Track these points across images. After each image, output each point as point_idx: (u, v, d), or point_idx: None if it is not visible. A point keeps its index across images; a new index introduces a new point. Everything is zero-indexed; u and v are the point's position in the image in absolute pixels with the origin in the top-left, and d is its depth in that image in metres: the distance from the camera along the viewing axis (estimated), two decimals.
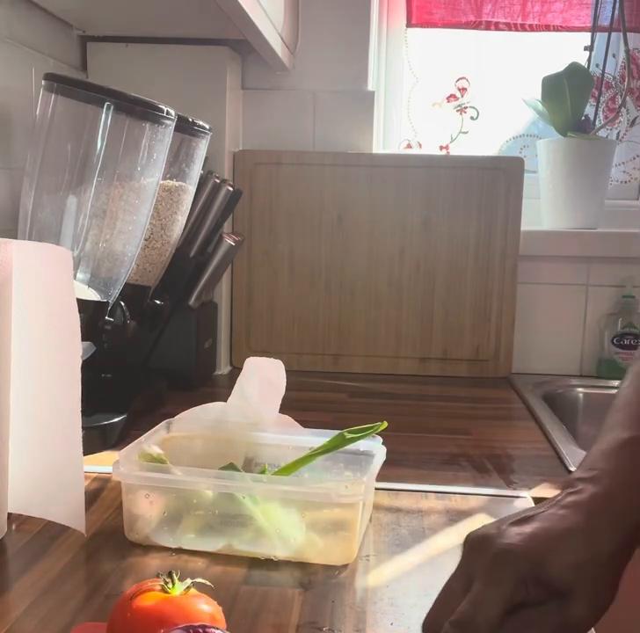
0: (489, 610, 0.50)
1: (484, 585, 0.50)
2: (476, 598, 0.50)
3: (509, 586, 0.50)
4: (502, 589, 0.50)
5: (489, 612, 0.49)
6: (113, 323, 0.98)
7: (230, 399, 0.86)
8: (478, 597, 0.50)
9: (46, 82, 0.96)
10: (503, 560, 0.51)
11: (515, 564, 0.50)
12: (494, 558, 0.51)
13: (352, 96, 1.51)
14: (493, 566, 0.51)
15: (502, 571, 0.50)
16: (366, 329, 1.50)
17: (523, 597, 0.50)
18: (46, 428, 0.73)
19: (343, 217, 1.49)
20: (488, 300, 1.49)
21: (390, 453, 0.80)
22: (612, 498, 0.54)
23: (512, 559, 0.50)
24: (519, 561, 0.50)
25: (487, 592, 0.50)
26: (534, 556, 0.51)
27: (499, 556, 0.51)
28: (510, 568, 0.50)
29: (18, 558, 0.71)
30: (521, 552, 0.51)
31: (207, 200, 1.27)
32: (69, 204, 0.97)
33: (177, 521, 0.74)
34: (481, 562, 0.51)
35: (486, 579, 0.50)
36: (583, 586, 0.50)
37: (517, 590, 0.50)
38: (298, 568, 0.70)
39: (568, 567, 0.50)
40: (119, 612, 0.54)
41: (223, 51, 1.39)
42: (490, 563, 0.51)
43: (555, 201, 1.57)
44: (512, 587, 0.50)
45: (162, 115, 0.98)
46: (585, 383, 1.52)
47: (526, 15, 1.58)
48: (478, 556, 0.52)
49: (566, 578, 0.50)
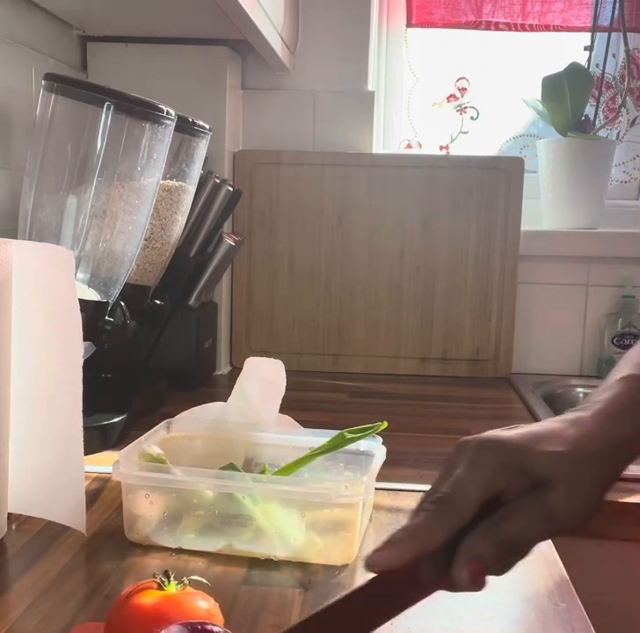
0: (468, 490, 0.49)
1: (466, 468, 0.50)
2: (456, 479, 0.50)
3: (489, 469, 0.50)
4: (482, 471, 0.50)
5: (468, 491, 0.49)
6: (113, 323, 0.98)
7: (230, 399, 0.86)
8: (458, 478, 0.50)
9: (46, 82, 0.96)
10: (487, 446, 0.51)
11: (498, 450, 0.51)
12: (479, 444, 0.51)
13: (352, 96, 1.51)
14: (476, 451, 0.51)
15: (483, 454, 0.50)
16: (366, 329, 1.50)
17: (504, 483, 0.50)
18: (46, 428, 0.73)
19: (343, 217, 1.49)
20: (488, 300, 1.49)
21: (390, 453, 0.80)
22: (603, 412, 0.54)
23: (496, 446, 0.51)
24: (502, 447, 0.51)
25: (467, 473, 0.50)
26: (517, 444, 0.51)
27: (484, 443, 0.51)
28: (492, 453, 0.50)
29: (18, 558, 0.71)
30: (505, 440, 0.51)
31: (207, 200, 1.27)
32: (69, 204, 0.97)
33: (177, 521, 0.74)
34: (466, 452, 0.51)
35: (468, 463, 0.50)
36: (561, 476, 0.50)
37: (498, 474, 0.50)
38: (298, 568, 0.70)
39: (548, 455, 0.50)
40: (116, 611, 0.54)
41: (223, 51, 1.39)
42: (474, 449, 0.51)
43: (555, 201, 1.57)
44: (493, 470, 0.50)
45: (162, 115, 0.98)
46: (585, 383, 1.52)
47: (526, 15, 1.58)
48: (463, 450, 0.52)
49: (545, 466, 0.50)
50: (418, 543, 0.49)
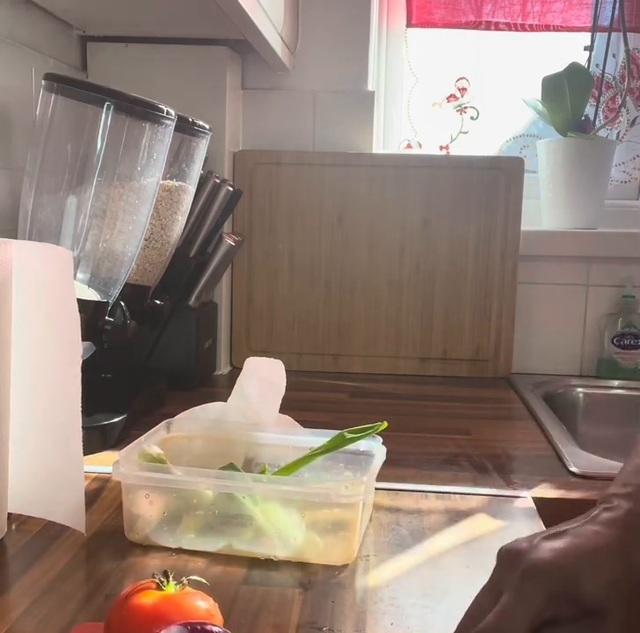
0: (515, 624, 0.48)
1: (512, 599, 0.49)
2: (502, 611, 0.49)
3: (538, 602, 0.48)
4: (531, 604, 0.48)
5: (515, 626, 0.48)
6: (113, 323, 0.98)
7: (230, 399, 0.86)
8: (505, 610, 0.49)
9: (46, 82, 0.95)
10: (533, 575, 0.49)
11: (546, 580, 0.49)
12: (524, 573, 0.49)
13: (352, 96, 1.51)
14: (523, 581, 0.49)
15: (531, 585, 0.49)
16: (366, 329, 1.50)
17: (553, 614, 0.48)
18: (46, 428, 0.73)
19: (343, 217, 1.49)
20: (488, 300, 1.49)
21: (390, 453, 0.80)
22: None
23: (543, 574, 0.49)
24: (550, 576, 0.49)
25: (515, 606, 0.48)
26: (566, 571, 0.49)
27: (530, 571, 0.49)
28: (540, 583, 0.49)
29: (18, 558, 0.71)
30: (553, 567, 0.49)
31: (207, 200, 1.27)
32: (69, 204, 0.97)
33: (177, 521, 0.74)
34: (511, 576, 0.50)
35: (515, 593, 0.49)
36: (616, 605, 0.48)
37: (546, 606, 0.48)
38: (298, 568, 0.70)
39: (601, 584, 0.49)
40: (115, 611, 0.54)
41: (223, 51, 1.39)
42: (519, 577, 0.49)
43: (555, 201, 1.57)
44: (541, 603, 0.48)
45: (162, 115, 0.98)
46: (585, 383, 1.52)
47: (526, 15, 1.58)
48: (508, 570, 0.50)
49: (599, 596, 0.48)
50: None
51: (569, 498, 0.90)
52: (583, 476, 0.97)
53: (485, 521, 0.82)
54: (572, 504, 0.89)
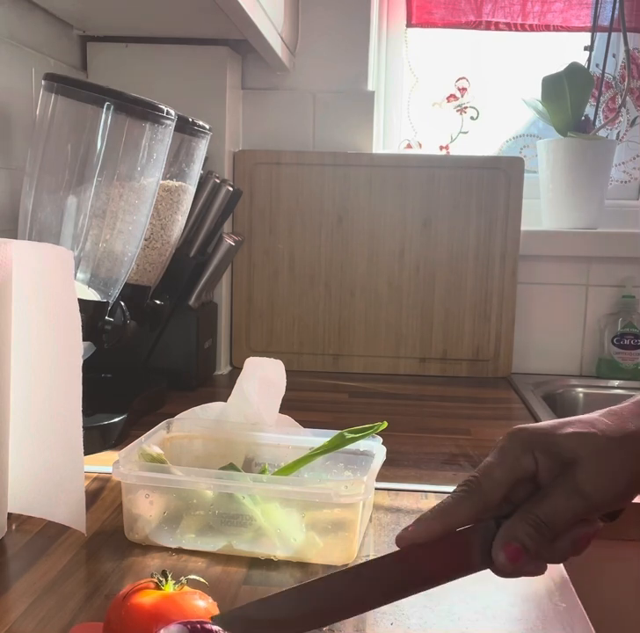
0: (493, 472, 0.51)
1: (493, 453, 0.53)
2: (484, 464, 0.52)
3: (515, 452, 0.52)
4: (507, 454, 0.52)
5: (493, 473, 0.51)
6: (113, 323, 0.98)
7: (230, 399, 0.86)
8: (486, 463, 0.52)
9: (46, 82, 0.95)
10: (513, 434, 0.53)
11: (524, 436, 0.52)
12: (507, 435, 0.53)
13: (352, 96, 1.51)
14: (504, 440, 0.53)
15: (509, 441, 0.53)
16: (366, 329, 1.50)
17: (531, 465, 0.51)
18: (46, 428, 0.73)
19: (343, 217, 1.49)
20: (488, 300, 1.49)
21: (390, 453, 0.80)
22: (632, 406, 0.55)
23: (521, 432, 0.53)
24: (527, 433, 0.53)
25: (494, 458, 0.52)
26: (544, 430, 0.53)
27: (511, 432, 0.53)
28: (518, 438, 0.52)
29: (18, 558, 0.71)
30: (533, 428, 0.53)
31: (207, 200, 1.28)
32: (69, 204, 0.97)
33: (177, 521, 0.74)
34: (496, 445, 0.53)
35: (496, 450, 0.53)
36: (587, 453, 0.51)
37: (523, 455, 0.52)
38: (298, 568, 0.70)
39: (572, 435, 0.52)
40: (114, 610, 0.54)
41: (223, 51, 1.39)
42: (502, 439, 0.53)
43: (555, 201, 1.57)
44: (517, 453, 0.52)
45: (162, 115, 0.98)
46: (585, 383, 1.52)
47: (526, 15, 1.58)
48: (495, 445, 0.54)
49: (569, 444, 0.51)
50: (440, 520, 0.51)
51: None
52: None
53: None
54: None
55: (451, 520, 0.51)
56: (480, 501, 0.51)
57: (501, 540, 0.50)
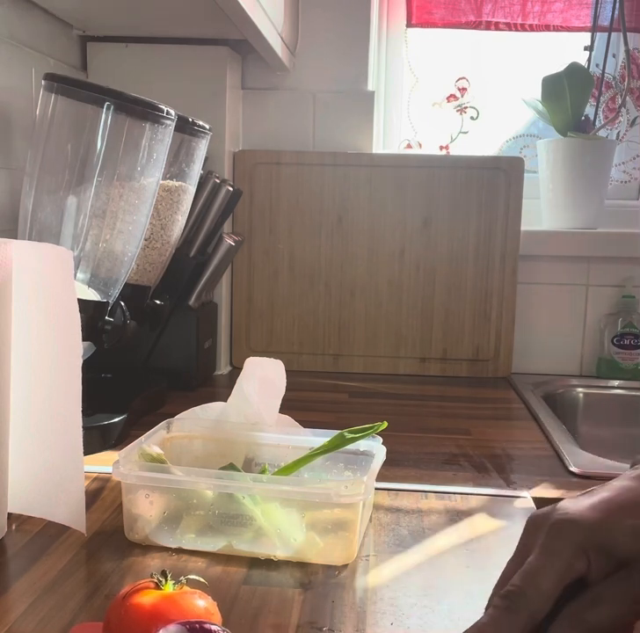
0: (541, 581, 0.45)
1: (539, 555, 0.46)
2: (528, 569, 0.46)
3: (567, 555, 0.45)
4: (557, 558, 0.45)
5: (541, 582, 0.45)
6: (113, 323, 0.98)
7: (230, 399, 0.86)
8: (531, 568, 0.46)
9: (46, 82, 0.95)
10: (560, 529, 0.46)
11: (573, 532, 0.46)
12: (550, 528, 0.47)
13: (352, 96, 1.51)
14: (549, 537, 0.46)
15: (558, 539, 0.46)
16: (366, 329, 1.50)
17: (584, 568, 0.46)
18: (46, 428, 0.73)
19: (343, 217, 1.49)
20: (488, 300, 1.49)
21: (390, 453, 0.80)
22: None
23: (570, 527, 0.46)
24: (577, 528, 0.46)
25: (541, 562, 0.46)
26: (594, 522, 0.46)
27: (556, 526, 0.47)
28: (567, 536, 0.46)
29: (18, 558, 0.71)
30: (580, 519, 0.46)
31: (207, 200, 1.28)
32: (69, 204, 0.97)
33: (177, 521, 0.74)
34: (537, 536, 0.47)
35: (541, 550, 0.46)
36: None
37: (575, 560, 0.45)
38: (298, 568, 0.70)
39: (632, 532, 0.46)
40: (113, 610, 0.54)
41: (223, 51, 1.39)
42: (546, 534, 0.47)
43: (555, 201, 1.57)
44: (570, 556, 0.45)
45: (162, 115, 0.98)
46: (585, 383, 1.52)
47: (526, 15, 1.58)
48: (535, 531, 0.48)
49: (629, 544, 0.46)
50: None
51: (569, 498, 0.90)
52: (583, 476, 0.97)
53: (485, 521, 0.82)
54: None
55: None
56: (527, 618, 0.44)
57: None
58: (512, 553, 0.52)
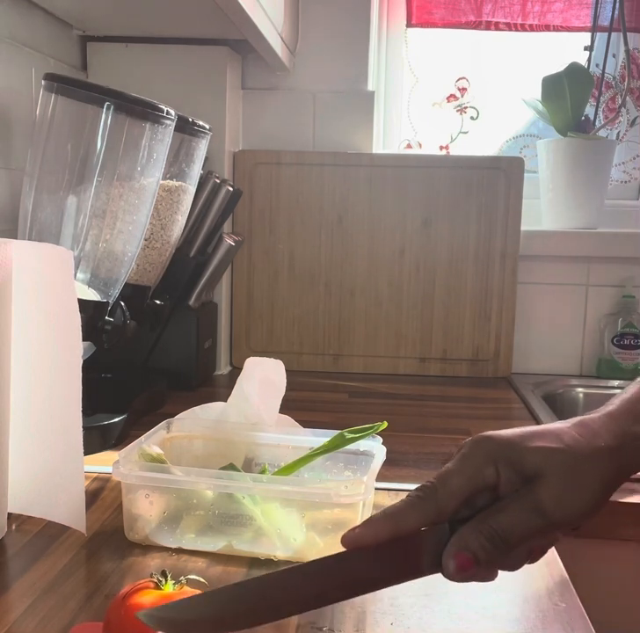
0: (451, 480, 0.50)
1: (454, 460, 0.51)
2: (443, 471, 0.51)
3: (476, 462, 0.50)
4: (469, 463, 0.50)
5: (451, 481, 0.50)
6: (113, 323, 0.98)
7: (230, 399, 0.86)
8: (445, 469, 0.51)
9: (46, 82, 0.95)
10: (476, 441, 0.51)
11: (486, 445, 0.51)
12: (470, 441, 0.52)
13: (352, 96, 1.51)
14: (466, 447, 0.51)
15: (473, 449, 0.51)
16: (366, 329, 1.50)
17: (493, 477, 0.50)
18: (46, 428, 0.73)
19: (343, 217, 1.49)
20: (488, 300, 1.49)
21: (390, 453, 0.80)
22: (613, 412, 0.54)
23: (485, 441, 0.51)
24: (491, 442, 0.51)
25: (454, 466, 0.51)
26: (509, 440, 0.51)
27: (475, 440, 0.52)
28: (480, 447, 0.51)
29: (18, 558, 0.71)
30: (498, 437, 0.51)
31: (207, 200, 1.28)
32: (69, 204, 0.97)
33: (177, 521, 0.74)
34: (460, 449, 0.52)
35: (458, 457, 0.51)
36: (552, 470, 0.50)
37: (485, 467, 0.50)
38: None
39: (538, 449, 0.50)
40: (113, 610, 0.54)
41: (223, 51, 1.39)
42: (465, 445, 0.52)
43: (555, 201, 1.57)
44: (479, 463, 0.50)
45: (162, 115, 0.98)
46: (585, 383, 1.52)
47: (526, 15, 1.58)
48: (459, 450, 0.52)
49: (534, 460, 0.50)
50: (389, 524, 0.50)
51: None
52: None
53: None
54: None
55: (400, 525, 0.50)
56: (433, 509, 0.50)
57: (453, 548, 0.49)
58: None
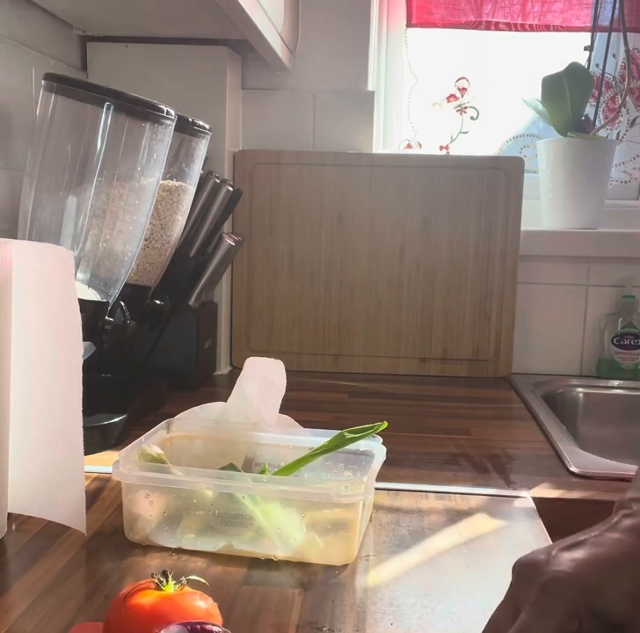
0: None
1: (532, 614, 0.46)
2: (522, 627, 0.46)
3: (559, 617, 0.45)
4: (551, 619, 0.46)
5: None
6: (113, 323, 0.98)
7: (230, 399, 0.86)
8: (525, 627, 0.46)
9: (46, 82, 0.96)
10: (553, 589, 0.46)
11: (566, 593, 0.46)
12: (543, 586, 0.47)
13: (352, 96, 1.51)
14: (542, 595, 0.46)
15: (551, 600, 0.46)
16: (366, 329, 1.50)
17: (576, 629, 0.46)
18: (46, 428, 0.73)
19: (343, 217, 1.49)
20: (488, 300, 1.49)
21: (390, 453, 0.80)
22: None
23: (563, 588, 0.46)
24: (570, 589, 0.46)
25: (535, 622, 0.46)
26: (587, 583, 0.46)
27: (549, 585, 0.47)
28: (560, 597, 0.46)
29: (18, 558, 0.71)
30: (573, 579, 0.46)
31: (207, 200, 1.27)
32: (69, 204, 0.97)
33: (177, 521, 0.74)
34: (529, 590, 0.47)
35: (534, 609, 0.46)
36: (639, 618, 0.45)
37: (568, 621, 0.46)
38: (298, 568, 0.70)
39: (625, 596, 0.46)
40: (114, 611, 0.54)
41: (223, 51, 1.39)
42: (538, 591, 0.47)
43: (555, 201, 1.57)
44: (562, 618, 0.45)
45: (162, 115, 0.98)
46: (585, 383, 1.52)
47: (526, 15, 1.58)
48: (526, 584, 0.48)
49: (623, 609, 0.46)
50: None
51: (569, 498, 0.90)
52: (583, 476, 0.97)
53: (485, 521, 0.82)
54: (572, 504, 0.89)
55: None
56: None
57: None
58: (511, 553, 0.52)
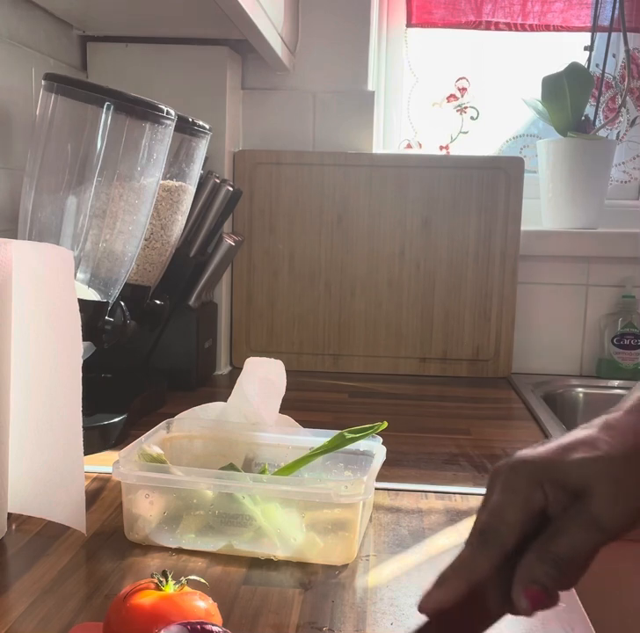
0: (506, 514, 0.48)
1: (499, 492, 0.50)
2: (493, 507, 0.49)
3: (523, 489, 0.49)
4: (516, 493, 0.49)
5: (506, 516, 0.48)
6: (113, 323, 0.98)
7: (230, 399, 0.86)
8: (495, 505, 0.49)
9: (46, 82, 0.95)
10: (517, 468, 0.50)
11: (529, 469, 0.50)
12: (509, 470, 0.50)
13: (352, 96, 1.51)
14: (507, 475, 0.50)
15: (516, 477, 0.50)
16: (366, 329, 1.50)
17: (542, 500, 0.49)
18: (46, 428, 0.73)
19: (343, 217, 1.49)
20: (488, 300, 1.49)
21: (390, 453, 0.80)
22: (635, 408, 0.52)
23: (526, 465, 0.50)
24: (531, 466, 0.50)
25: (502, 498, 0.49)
26: (548, 459, 0.50)
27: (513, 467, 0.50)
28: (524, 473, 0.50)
29: (18, 558, 0.71)
30: (536, 458, 0.50)
31: (207, 200, 1.27)
32: (69, 204, 0.97)
33: (177, 521, 0.74)
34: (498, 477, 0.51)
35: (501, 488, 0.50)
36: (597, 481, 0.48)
37: (532, 492, 0.49)
38: (298, 568, 0.70)
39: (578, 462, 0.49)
40: (114, 611, 0.54)
41: (223, 51, 1.39)
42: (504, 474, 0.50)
43: (555, 201, 1.57)
44: (526, 490, 0.49)
45: (162, 115, 0.97)
46: (585, 383, 1.52)
47: (526, 15, 1.58)
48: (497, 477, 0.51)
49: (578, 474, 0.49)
50: (464, 578, 0.48)
51: None
52: None
53: None
54: None
55: (475, 575, 0.48)
56: (499, 548, 0.48)
57: (520, 585, 0.47)
58: None
